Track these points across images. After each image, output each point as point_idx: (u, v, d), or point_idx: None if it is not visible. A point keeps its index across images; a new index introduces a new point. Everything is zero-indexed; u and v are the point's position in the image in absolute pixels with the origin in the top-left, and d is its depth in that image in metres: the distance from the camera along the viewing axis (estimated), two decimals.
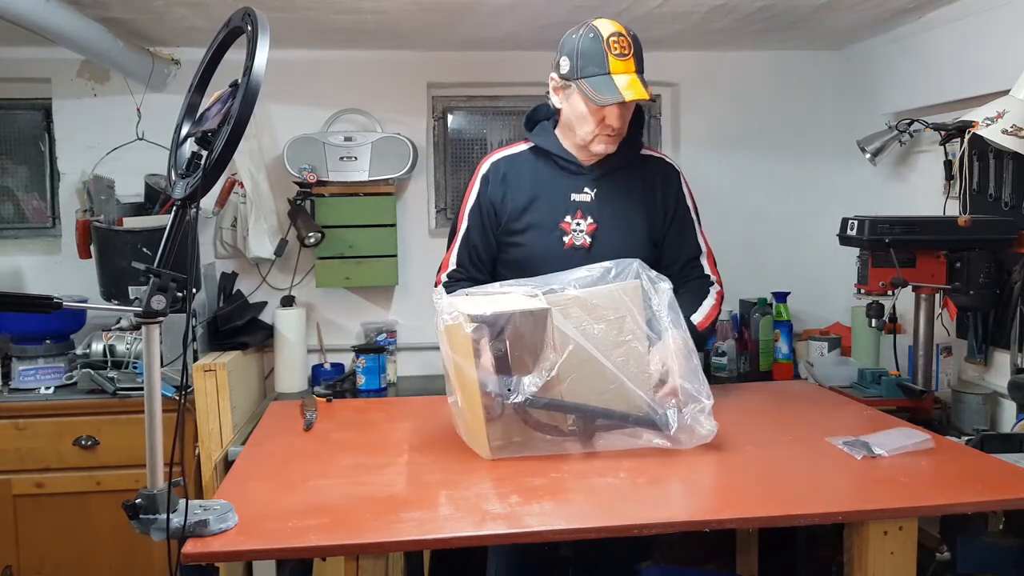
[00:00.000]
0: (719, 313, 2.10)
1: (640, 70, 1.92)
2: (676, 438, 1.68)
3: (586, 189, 2.05)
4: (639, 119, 2.12)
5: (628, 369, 1.69)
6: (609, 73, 1.89)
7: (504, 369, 1.61)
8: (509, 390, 1.59)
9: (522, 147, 2.13)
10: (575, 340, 1.64)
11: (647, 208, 2.08)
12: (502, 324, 1.61)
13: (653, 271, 1.78)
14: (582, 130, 1.99)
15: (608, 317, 1.70)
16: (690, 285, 2.09)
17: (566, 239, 2.04)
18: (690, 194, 2.15)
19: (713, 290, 2.09)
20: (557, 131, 2.09)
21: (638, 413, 1.69)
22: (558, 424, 1.68)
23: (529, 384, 1.60)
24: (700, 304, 2.05)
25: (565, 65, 1.96)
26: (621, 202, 2.06)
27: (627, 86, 1.88)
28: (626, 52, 1.90)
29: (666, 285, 1.77)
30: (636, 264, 1.77)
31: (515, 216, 2.07)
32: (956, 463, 1.61)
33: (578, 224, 2.04)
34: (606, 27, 1.92)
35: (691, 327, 1.93)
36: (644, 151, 2.14)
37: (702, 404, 1.69)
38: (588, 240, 2.03)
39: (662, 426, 1.67)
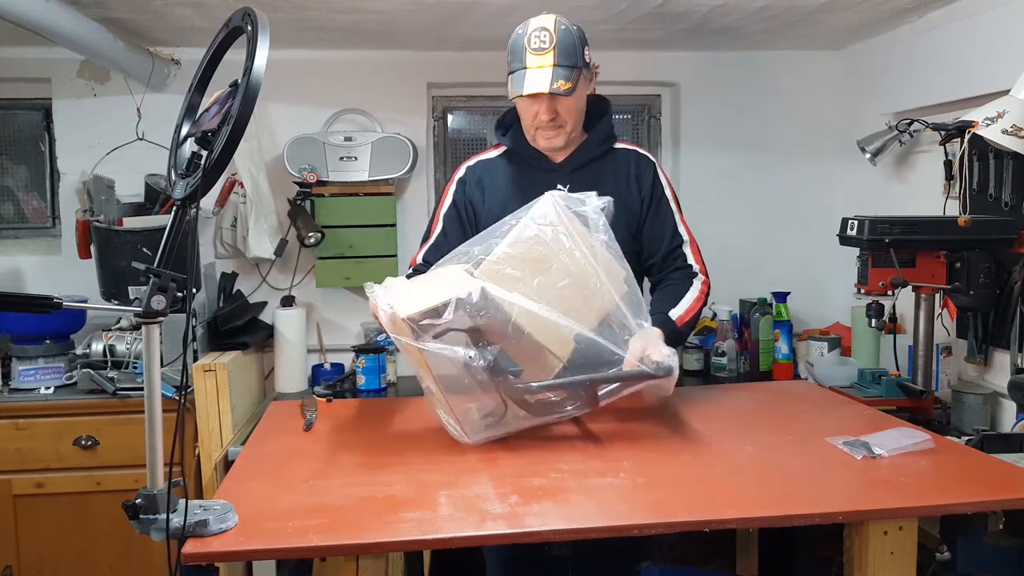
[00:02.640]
0: (703, 305, 2.04)
1: (565, 64, 1.90)
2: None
3: (559, 186, 2.06)
4: (605, 112, 2.12)
5: (576, 309, 1.68)
6: (525, 68, 1.92)
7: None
8: (471, 357, 1.60)
9: (496, 152, 2.15)
10: (516, 304, 1.64)
11: (623, 198, 2.06)
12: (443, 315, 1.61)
13: (573, 195, 1.78)
14: (523, 125, 2.04)
15: (545, 266, 1.69)
16: (674, 276, 2.05)
17: None
18: (668, 183, 2.13)
19: (697, 281, 2.05)
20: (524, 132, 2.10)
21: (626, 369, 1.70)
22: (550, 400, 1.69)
23: (492, 350, 1.61)
24: (682, 297, 1.99)
25: (507, 62, 2.01)
26: None
27: (531, 80, 1.90)
28: (544, 46, 1.91)
29: (594, 201, 1.77)
30: (550, 195, 1.77)
31: (492, 219, 2.06)
32: (956, 463, 1.61)
33: None
34: (536, 22, 1.94)
35: (669, 322, 1.91)
36: (618, 144, 2.14)
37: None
38: None
39: (662, 372, 1.67)
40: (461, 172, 2.15)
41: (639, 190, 2.08)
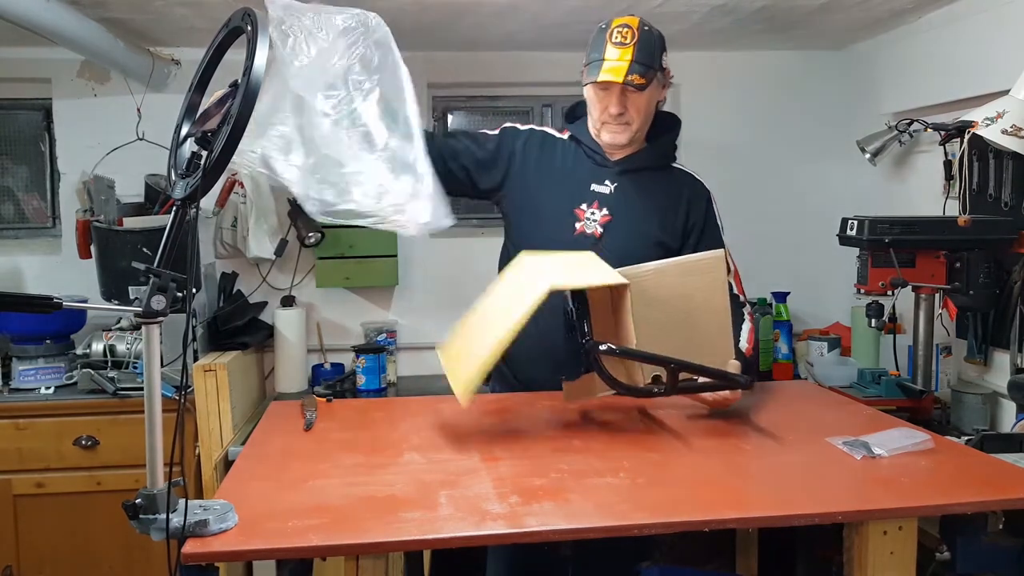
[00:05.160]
0: (757, 332, 2.12)
1: (643, 61, 1.93)
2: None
3: (607, 181, 2.07)
4: (672, 129, 2.14)
5: (694, 347, 1.75)
6: (603, 58, 1.95)
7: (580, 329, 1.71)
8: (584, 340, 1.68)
9: (563, 135, 2.17)
10: (644, 313, 1.72)
11: (666, 213, 2.07)
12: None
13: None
14: (592, 116, 2.06)
15: (678, 298, 1.78)
16: None
17: (578, 225, 2.05)
18: (719, 214, 2.15)
19: (745, 311, 2.09)
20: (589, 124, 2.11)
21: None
22: (636, 381, 1.75)
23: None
24: (740, 329, 2.03)
25: (585, 55, 2.03)
26: (640, 200, 2.06)
27: (607, 70, 1.93)
28: (625, 41, 1.94)
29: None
30: (721, 253, 1.86)
31: (533, 195, 2.09)
32: (956, 463, 1.61)
33: (592, 213, 2.05)
34: (620, 19, 1.98)
35: (739, 354, 1.94)
36: (677, 165, 2.15)
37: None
38: (600, 230, 2.04)
39: (742, 380, 1.77)
40: (526, 128, 2.17)
41: (688, 216, 2.09)
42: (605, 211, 2.05)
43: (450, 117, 3.35)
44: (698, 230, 2.09)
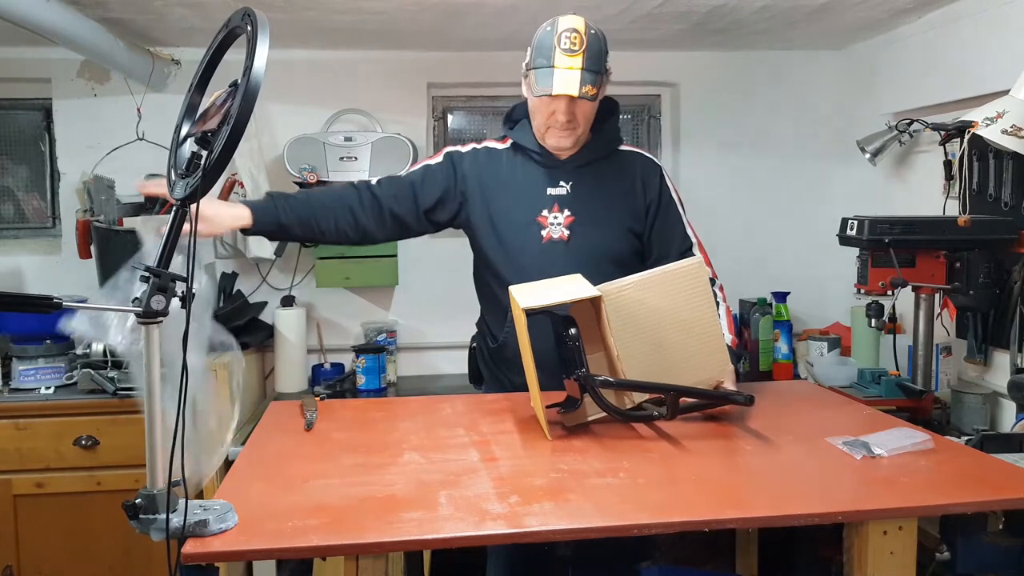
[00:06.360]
0: (737, 322, 2.10)
1: (592, 68, 1.89)
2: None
3: (562, 182, 2.05)
4: (612, 113, 2.11)
5: (689, 358, 1.77)
6: (553, 67, 1.89)
7: (576, 359, 1.71)
8: (579, 371, 1.69)
9: (502, 145, 2.14)
10: (628, 326, 1.74)
11: (626, 199, 2.07)
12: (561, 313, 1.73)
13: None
14: (535, 121, 2.02)
15: (662, 305, 1.77)
16: None
17: (544, 233, 2.04)
18: (674, 187, 2.13)
19: (716, 289, 2.06)
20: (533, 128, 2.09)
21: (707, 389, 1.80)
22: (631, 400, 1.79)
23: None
24: (717, 316, 2.01)
25: (527, 55, 1.99)
26: (598, 193, 2.05)
27: (561, 81, 1.88)
28: (575, 48, 1.89)
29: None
30: (698, 263, 1.84)
31: (493, 212, 2.06)
32: (956, 463, 1.60)
33: (555, 218, 2.04)
34: (566, 21, 1.92)
35: (730, 351, 1.94)
36: (624, 147, 2.14)
37: None
38: (566, 233, 2.03)
39: (743, 400, 1.78)
40: (468, 148, 2.13)
41: (645, 195, 2.08)
42: (567, 212, 2.04)
43: (450, 117, 3.35)
44: (655, 206, 2.08)
